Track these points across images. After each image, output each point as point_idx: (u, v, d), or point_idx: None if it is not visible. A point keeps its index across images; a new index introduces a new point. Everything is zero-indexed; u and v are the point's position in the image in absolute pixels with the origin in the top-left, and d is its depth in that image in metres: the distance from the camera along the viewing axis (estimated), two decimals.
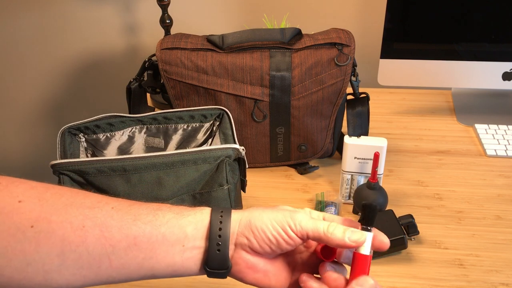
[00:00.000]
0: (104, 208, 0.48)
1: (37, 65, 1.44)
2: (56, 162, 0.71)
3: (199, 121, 0.82)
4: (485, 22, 1.05)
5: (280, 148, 0.94)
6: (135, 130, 0.82)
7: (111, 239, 0.46)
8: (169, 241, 0.48)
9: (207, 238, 0.49)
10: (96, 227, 0.46)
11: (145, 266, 0.48)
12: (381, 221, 0.78)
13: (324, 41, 0.88)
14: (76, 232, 0.46)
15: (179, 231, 0.48)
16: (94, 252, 0.46)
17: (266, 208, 0.51)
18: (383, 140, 0.82)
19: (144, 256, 0.47)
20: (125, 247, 0.47)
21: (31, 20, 1.36)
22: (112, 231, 0.47)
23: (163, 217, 0.48)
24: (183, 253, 0.48)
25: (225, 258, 0.49)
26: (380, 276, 0.75)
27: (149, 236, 0.47)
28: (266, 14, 1.26)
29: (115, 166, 0.72)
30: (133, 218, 0.48)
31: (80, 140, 0.79)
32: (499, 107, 1.16)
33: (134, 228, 0.47)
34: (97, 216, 0.47)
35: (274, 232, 0.49)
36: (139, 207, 0.49)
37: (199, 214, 0.50)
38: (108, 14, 1.33)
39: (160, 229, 0.48)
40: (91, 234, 0.46)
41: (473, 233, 0.82)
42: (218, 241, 0.48)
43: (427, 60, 1.09)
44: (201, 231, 0.49)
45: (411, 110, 1.17)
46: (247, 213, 0.50)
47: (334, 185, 0.94)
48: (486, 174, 0.96)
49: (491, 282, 0.73)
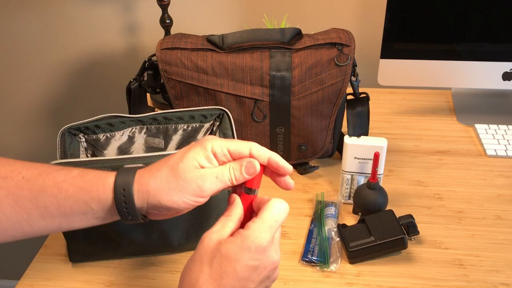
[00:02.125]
0: (15, 178, 0.51)
1: (37, 65, 1.44)
2: (56, 162, 0.71)
3: (199, 121, 0.82)
4: (485, 22, 1.05)
5: (280, 148, 0.94)
6: (135, 130, 0.82)
7: (24, 207, 0.50)
8: (78, 212, 0.51)
9: (116, 213, 0.52)
10: (9, 196, 0.50)
11: (64, 227, 0.52)
12: (381, 221, 0.78)
13: (324, 41, 0.88)
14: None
15: (85, 206, 0.51)
16: (12, 219, 0.51)
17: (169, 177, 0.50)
18: (383, 140, 0.82)
19: (60, 221, 0.52)
20: (38, 215, 0.51)
21: (31, 20, 1.36)
22: (24, 201, 0.50)
23: (67, 191, 0.51)
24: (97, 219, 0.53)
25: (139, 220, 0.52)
26: (380, 276, 0.75)
27: (58, 207, 0.51)
28: (266, 14, 1.26)
29: (115, 166, 0.72)
30: (40, 189, 0.51)
31: (80, 140, 0.79)
32: (499, 107, 1.16)
33: (42, 199, 0.50)
34: (9, 186, 0.51)
35: (186, 206, 0.51)
36: (45, 177, 0.51)
37: (102, 192, 0.51)
38: (108, 14, 1.33)
39: (66, 203, 0.51)
40: (5, 201, 0.50)
41: (473, 233, 0.82)
42: (128, 216, 0.51)
43: (427, 60, 1.09)
44: (107, 206, 0.51)
45: (411, 110, 1.17)
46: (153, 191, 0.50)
47: (334, 185, 0.94)
48: (486, 174, 0.96)
49: (491, 282, 0.73)
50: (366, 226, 0.78)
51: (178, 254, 0.79)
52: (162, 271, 0.77)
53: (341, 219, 0.85)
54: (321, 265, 0.76)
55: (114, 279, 0.76)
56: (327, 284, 0.74)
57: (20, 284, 0.76)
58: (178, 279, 0.76)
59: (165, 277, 0.76)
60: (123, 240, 0.74)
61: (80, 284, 0.76)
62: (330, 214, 0.84)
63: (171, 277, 0.76)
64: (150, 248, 0.78)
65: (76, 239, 0.76)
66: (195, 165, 0.51)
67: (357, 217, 0.86)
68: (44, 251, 0.82)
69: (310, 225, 0.84)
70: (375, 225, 0.78)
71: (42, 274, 0.78)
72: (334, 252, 0.78)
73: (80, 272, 0.78)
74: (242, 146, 0.53)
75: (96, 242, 0.76)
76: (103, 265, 0.79)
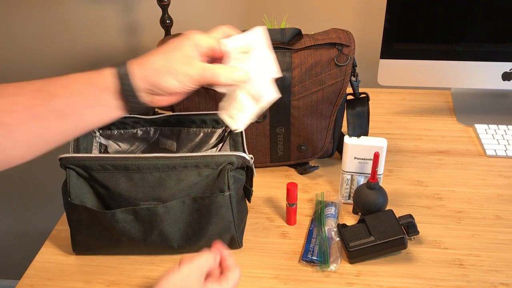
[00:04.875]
0: (25, 93, 0.55)
1: (37, 65, 1.44)
2: (63, 156, 0.74)
3: (211, 126, 0.83)
4: (485, 22, 1.05)
5: (280, 148, 0.94)
6: (150, 130, 0.84)
7: (40, 115, 0.55)
8: (88, 105, 0.57)
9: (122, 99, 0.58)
10: (25, 108, 0.54)
11: (78, 126, 0.58)
12: (381, 221, 0.78)
13: (324, 41, 0.88)
14: (11, 115, 0.54)
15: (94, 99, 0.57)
16: (34, 128, 0.55)
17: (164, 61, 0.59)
18: (383, 140, 0.82)
19: (76, 121, 0.57)
20: (55, 119, 0.55)
21: (31, 20, 1.36)
22: (39, 109, 0.55)
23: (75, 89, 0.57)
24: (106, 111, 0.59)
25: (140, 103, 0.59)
26: (380, 276, 0.75)
27: (69, 105, 0.56)
28: (266, 14, 1.26)
29: (118, 164, 0.73)
30: (51, 95, 0.55)
31: (95, 135, 0.82)
32: (499, 107, 1.16)
33: (55, 103, 0.55)
34: (22, 100, 0.54)
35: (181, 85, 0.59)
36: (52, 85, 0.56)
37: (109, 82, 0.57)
38: (108, 14, 1.33)
39: (76, 99, 0.56)
40: (23, 114, 0.54)
41: (473, 233, 0.82)
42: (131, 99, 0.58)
43: (427, 60, 1.09)
44: (112, 93, 0.57)
45: (411, 110, 1.17)
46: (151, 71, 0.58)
47: (334, 185, 0.94)
48: (486, 174, 0.96)
49: (491, 282, 0.73)
50: (366, 226, 0.78)
51: (178, 254, 0.79)
52: (162, 271, 0.77)
53: (341, 219, 0.86)
54: (321, 265, 0.76)
55: (114, 279, 0.76)
56: (327, 284, 0.74)
57: (21, 284, 0.77)
58: None
59: None
60: (122, 237, 0.75)
61: (80, 284, 0.76)
62: (330, 214, 0.84)
63: None
64: (150, 248, 0.78)
65: (79, 232, 0.77)
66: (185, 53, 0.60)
67: (357, 217, 0.86)
68: (45, 251, 0.82)
69: (310, 225, 0.84)
70: (375, 225, 0.78)
71: (42, 274, 0.78)
72: (334, 252, 0.78)
73: (80, 272, 0.78)
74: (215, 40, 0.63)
75: (97, 236, 0.77)
76: (103, 265, 0.79)
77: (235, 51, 0.63)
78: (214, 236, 0.76)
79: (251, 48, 0.63)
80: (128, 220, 0.73)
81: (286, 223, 0.85)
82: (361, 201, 0.82)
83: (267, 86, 0.64)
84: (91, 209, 0.73)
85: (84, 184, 0.75)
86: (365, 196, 0.81)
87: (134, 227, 0.74)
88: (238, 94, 0.64)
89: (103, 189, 0.74)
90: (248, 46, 0.64)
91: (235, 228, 0.77)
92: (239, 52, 0.63)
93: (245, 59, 0.63)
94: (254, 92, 0.63)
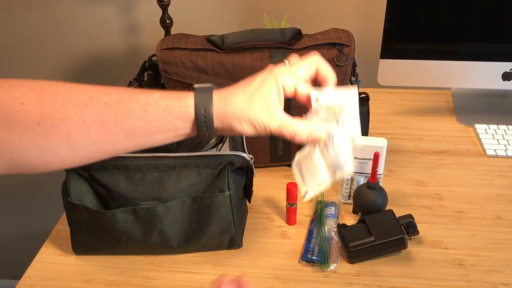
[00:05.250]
0: (98, 104, 0.53)
1: (37, 65, 1.44)
2: None
3: None
4: (485, 22, 1.05)
5: (280, 148, 0.94)
6: None
7: (110, 131, 0.53)
8: (161, 131, 0.55)
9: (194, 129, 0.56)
10: (95, 122, 0.53)
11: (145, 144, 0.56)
12: (381, 221, 0.78)
13: (324, 41, 0.88)
14: (78, 126, 0.52)
15: (169, 125, 0.55)
16: (99, 142, 0.53)
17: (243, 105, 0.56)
18: (383, 140, 0.82)
19: (143, 140, 0.56)
20: (124, 137, 0.54)
21: (31, 20, 1.36)
22: (110, 125, 0.53)
23: (152, 113, 0.54)
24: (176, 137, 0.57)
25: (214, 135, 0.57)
26: (380, 276, 0.75)
27: (144, 129, 0.54)
28: (266, 14, 1.26)
29: (118, 164, 0.73)
30: (126, 114, 0.54)
31: None
32: (499, 107, 1.16)
33: (129, 123, 0.54)
34: (93, 112, 0.53)
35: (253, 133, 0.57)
36: (128, 102, 0.55)
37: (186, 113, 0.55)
38: (108, 14, 1.33)
39: (152, 123, 0.54)
40: (92, 127, 0.53)
41: (473, 233, 0.82)
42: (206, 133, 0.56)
43: (427, 60, 1.09)
44: (189, 124, 0.56)
45: (411, 110, 1.17)
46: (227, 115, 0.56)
47: (334, 185, 0.93)
48: (486, 174, 0.96)
49: (491, 282, 0.73)
50: (366, 226, 0.78)
51: (178, 254, 0.79)
52: (162, 271, 0.77)
53: (341, 219, 0.85)
54: (321, 265, 0.76)
55: (114, 279, 0.76)
56: (327, 284, 0.74)
57: (21, 284, 0.77)
58: (178, 279, 0.77)
59: (165, 277, 0.76)
60: (122, 237, 0.75)
61: (80, 284, 0.76)
62: (330, 214, 0.84)
63: (171, 277, 0.76)
64: (150, 248, 0.78)
65: (79, 232, 0.77)
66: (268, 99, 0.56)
67: (357, 217, 0.86)
68: (45, 251, 0.82)
69: (310, 225, 0.84)
70: (375, 225, 0.78)
71: (42, 274, 0.78)
72: (334, 252, 0.78)
73: (80, 272, 0.78)
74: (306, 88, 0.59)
75: (97, 236, 0.77)
76: (103, 265, 0.79)
77: (324, 109, 0.58)
78: (214, 236, 0.76)
79: (340, 111, 0.58)
80: (128, 220, 0.73)
81: (286, 223, 0.85)
82: (361, 201, 0.81)
83: (346, 157, 0.60)
84: (91, 209, 0.73)
85: (84, 184, 0.75)
86: (365, 196, 0.81)
87: (134, 227, 0.74)
88: (315, 156, 0.60)
89: (103, 189, 0.74)
90: (338, 106, 0.58)
91: (235, 228, 0.77)
92: (326, 111, 0.59)
93: (332, 121, 0.58)
94: (332, 159, 0.59)
